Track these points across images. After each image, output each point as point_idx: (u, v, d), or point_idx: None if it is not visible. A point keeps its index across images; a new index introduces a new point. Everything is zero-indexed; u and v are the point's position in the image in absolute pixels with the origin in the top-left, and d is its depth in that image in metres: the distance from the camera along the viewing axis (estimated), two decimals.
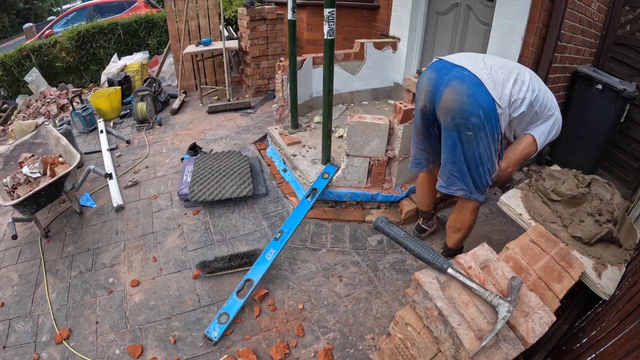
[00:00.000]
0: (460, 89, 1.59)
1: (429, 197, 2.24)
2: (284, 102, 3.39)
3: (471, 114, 1.57)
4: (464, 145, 1.66)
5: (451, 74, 1.65)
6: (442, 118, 1.69)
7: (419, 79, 1.84)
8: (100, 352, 1.83)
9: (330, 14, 2.23)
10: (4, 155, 2.89)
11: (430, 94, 1.72)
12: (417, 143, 1.98)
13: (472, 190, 1.77)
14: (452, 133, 1.67)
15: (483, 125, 1.58)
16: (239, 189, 2.71)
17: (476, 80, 1.58)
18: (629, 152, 3.11)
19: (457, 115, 1.61)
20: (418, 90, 1.83)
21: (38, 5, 19.07)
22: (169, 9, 4.85)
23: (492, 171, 1.74)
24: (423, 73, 1.83)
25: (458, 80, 1.61)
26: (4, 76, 6.03)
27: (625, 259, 1.73)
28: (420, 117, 1.84)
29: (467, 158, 1.68)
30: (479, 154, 1.65)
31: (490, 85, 1.58)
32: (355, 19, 4.34)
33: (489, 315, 1.19)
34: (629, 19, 3.05)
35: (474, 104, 1.56)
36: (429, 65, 1.83)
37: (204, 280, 2.17)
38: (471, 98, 1.57)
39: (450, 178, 1.79)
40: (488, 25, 2.97)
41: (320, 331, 1.86)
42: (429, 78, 1.74)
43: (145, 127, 4.16)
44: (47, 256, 2.45)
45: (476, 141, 1.62)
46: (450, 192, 1.82)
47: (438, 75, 1.70)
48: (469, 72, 1.61)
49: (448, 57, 1.76)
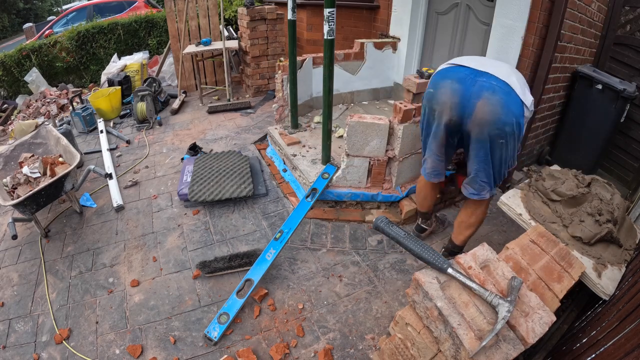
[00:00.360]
0: (493, 100, 1.57)
1: (431, 200, 2.25)
2: (284, 102, 3.39)
3: (506, 123, 1.58)
4: (494, 153, 1.69)
5: (479, 84, 1.61)
6: (475, 130, 1.66)
7: (436, 89, 1.76)
8: (100, 352, 1.83)
9: (330, 14, 2.23)
10: (4, 155, 2.89)
11: (458, 107, 1.67)
12: (436, 155, 1.93)
13: (492, 188, 1.83)
14: (485, 144, 1.67)
15: (514, 131, 1.62)
16: (239, 189, 2.71)
17: (507, 89, 1.58)
18: (629, 152, 3.11)
19: (493, 126, 1.60)
20: (439, 103, 1.74)
21: (38, 5, 19.07)
22: (169, 9, 4.85)
23: (512, 165, 1.79)
24: (439, 82, 1.75)
25: (489, 91, 1.58)
26: (4, 76, 6.03)
27: (625, 259, 1.73)
28: (444, 130, 1.78)
29: (494, 163, 1.73)
30: (506, 156, 1.71)
31: (520, 90, 1.59)
32: (355, 19, 4.34)
33: (489, 315, 1.19)
34: (629, 19, 3.05)
35: (509, 114, 1.57)
36: (443, 71, 1.76)
37: (204, 280, 2.17)
38: (505, 108, 1.57)
39: (482, 185, 1.81)
40: (488, 25, 2.97)
41: (320, 331, 1.86)
42: (454, 90, 1.67)
43: (145, 127, 4.16)
44: (47, 256, 2.45)
45: (506, 146, 1.66)
46: (481, 197, 1.85)
47: (464, 86, 1.64)
48: (497, 80, 1.59)
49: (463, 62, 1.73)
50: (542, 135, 3.19)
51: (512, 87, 1.57)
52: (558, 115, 3.23)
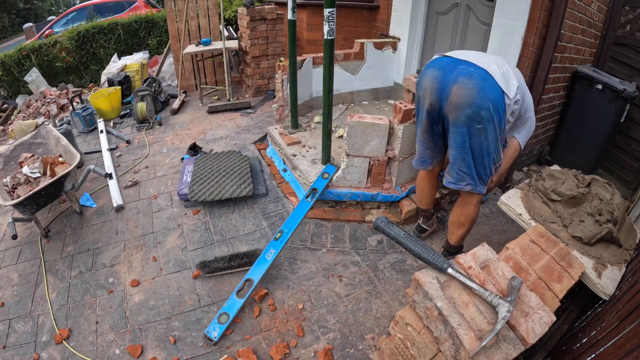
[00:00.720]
0: (469, 85, 1.60)
1: (429, 194, 2.24)
2: (284, 102, 3.39)
3: (481, 107, 1.59)
4: (472, 139, 1.68)
5: (457, 71, 1.65)
6: (452, 114, 1.69)
7: (421, 78, 1.83)
8: (100, 352, 1.83)
9: (330, 14, 2.23)
10: (4, 155, 2.89)
11: (436, 91, 1.72)
12: (422, 142, 1.99)
13: (477, 183, 1.80)
14: (462, 129, 1.68)
15: (492, 117, 1.61)
16: (239, 189, 2.71)
17: (484, 75, 1.59)
18: (629, 152, 3.11)
19: (468, 110, 1.62)
20: (422, 89, 1.82)
21: (38, 5, 19.07)
22: (169, 8, 4.85)
23: (497, 160, 1.77)
24: (424, 71, 1.82)
25: (466, 76, 1.61)
26: (4, 76, 6.03)
27: (625, 259, 1.73)
28: (426, 116, 1.84)
29: (475, 152, 1.71)
30: (487, 145, 1.68)
31: (499, 78, 1.60)
32: (355, 19, 4.34)
33: (489, 315, 1.19)
34: (629, 19, 3.05)
35: (484, 98, 1.58)
36: (430, 62, 1.82)
37: (204, 280, 2.17)
38: (481, 92, 1.58)
39: (459, 174, 1.80)
40: (488, 25, 2.97)
41: (320, 331, 1.86)
42: (434, 76, 1.73)
43: (145, 127, 4.16)
44: (47, 256, 2.45)
45: (485, 133, 1.65)
46: (459, 187, 1.84)
47: (444, 73, 1.69)
48: (475, 67, 1.62)
49: (450, 53, 1.77)
50: (542, 135, 3.19)
51: (490, 74, 1.59)
52: (558, 115, 3.23)
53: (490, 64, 1.63)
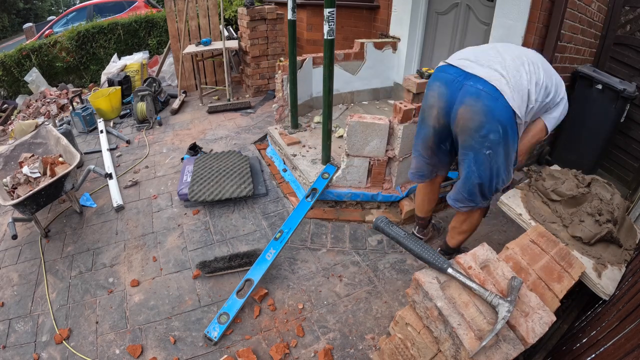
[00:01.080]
0: (476, 107, 1.49)
1: (430, 203, 2.20)
2: (284, 102, 3.39)
3: (490, 130, 1.49)
4: (481, 167, 1.60)
5: (464, 89, 1.53)
6: (459, 137, 1.62)
7: (428, 90, 1.73)
8: (100, 352, 1.83)
9: (330, 14, 2.23)
10: (4, 155, 2.89)
11: (443, 111, 1.63)
12: (423, 157, 1.90)
13: (479, 202, 1.76)
14: (469, 152, 1.61)
15: (501, 140, 1.51)
16: (239, 189, 2.71)
17: (494, 94, 1.46)
18: (629, 152, 3.11)
19: (475, 134, 1.53)
20: (428, 105, 1.72)
21: (38, 5, 19.07)
22: (169, 8, 4.85)
23: (506, 180, 1.69)
24: (431, 83, 1.71)
25: (473, 97, 1.49)
26: (4, 76, 6.03)
27: (625, 259, 1.73)
28: (432, 134, 1.75)
29: (483, 177, 1.63)
30: (496, 168, 1.61)
31: (509, 95, 1.46)
32: (355, 19, 4.34)
33: (489, 315, 1.19)
34: (629, 19, 3.05)
35: (493, 121, 1.47)
36: (436, 71, 1.71)
37: (204, 280, 2.17)
38: (489, 115, 1.47)
39: (463, 195, 1.76)
40: (488, 25, 2.97)
41: (320, 331, 1.86)
42: (440, 94, 1.63)
43: (145, 127, 4.16)
44: (47, 256, 2.45)
45: (495, 157, 1.56)
46: (456, 207, 1.81)
47: (450, 91, 1.58)
48: (484, 84, 1.48)
49: (457, 61, 1.62)
50: None
51: (501, 93, 1.46)
52: None
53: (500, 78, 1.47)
